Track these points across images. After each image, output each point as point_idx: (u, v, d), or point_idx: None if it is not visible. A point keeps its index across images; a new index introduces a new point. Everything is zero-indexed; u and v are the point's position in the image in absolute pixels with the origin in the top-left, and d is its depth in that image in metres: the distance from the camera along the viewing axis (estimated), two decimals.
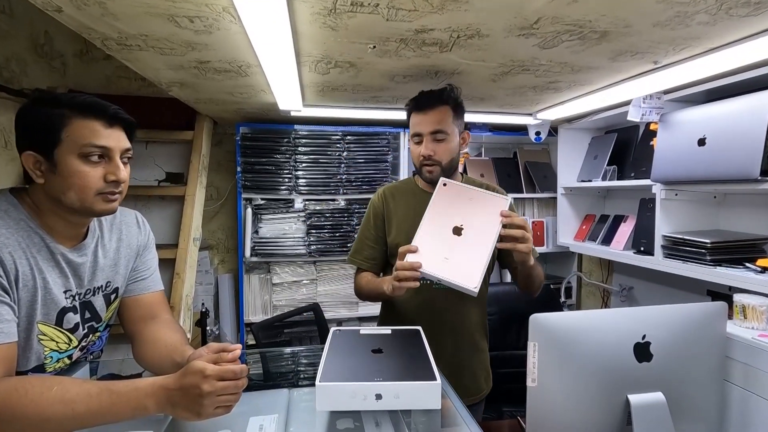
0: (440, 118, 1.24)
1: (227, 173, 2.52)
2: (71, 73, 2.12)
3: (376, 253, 1.37)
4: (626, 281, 2.26)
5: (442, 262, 1.04)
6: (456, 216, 1.09)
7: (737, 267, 1.39)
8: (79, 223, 0.91)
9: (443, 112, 1.24)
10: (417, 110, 1.27)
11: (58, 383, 0.71)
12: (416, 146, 1.29)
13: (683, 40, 1.11)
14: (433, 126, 1.24)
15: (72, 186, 0.82)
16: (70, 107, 0.82)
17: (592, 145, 2.31)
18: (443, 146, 1.25)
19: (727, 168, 1.35)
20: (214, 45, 1.16)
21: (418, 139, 1.27)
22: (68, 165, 0.81)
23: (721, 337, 0.96)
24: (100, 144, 0.83)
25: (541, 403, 0.86)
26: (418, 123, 1.26)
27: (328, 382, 0.79)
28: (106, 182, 0.85)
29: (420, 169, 1.30)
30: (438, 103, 1.24)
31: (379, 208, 1.37)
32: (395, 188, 1.41)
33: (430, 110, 1.24)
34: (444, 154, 1.26)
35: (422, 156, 1.26)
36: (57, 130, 0.81)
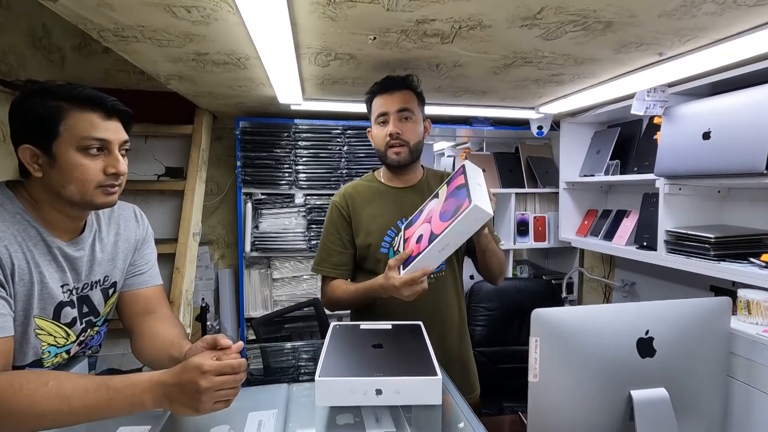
0: (405, 98, 1.23)
1: (227, 168, 2.50)
2: (69, 66, 2.10)
3: (345, 258, 1.28)
4: (628, 277, 2.25)
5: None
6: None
7: (741, 262, 1.38)
8: (77, 217, 0.90)
9: (408, 95, 1.24)
10: (382, 92, 1.24)
11: (54, 378, 0.70)
12: (381, 127, 1.24)
13: (689, 30, 1.09)
14: (399, 104, 1.21)
15: (72, 179, 0.81)
16: (67, 100, 0.81)
17: (595, 140, 2.29)
18: (410, 126, 1.22)
19: (732, 162, 1.33)
20: (212, 36, 1.14)
21: (384, 119, 1.23)
22: (67, 158, 0.81)
23: (725, 332, 0.95)
24: (98, 136, 0.82)
25: (542, 398, 0.85)
26: (384, 103, 1.23)
27: (327, 377, 0.78)
28: (105, 175, 0.84)
29: (385, 153, 1.24)
30: (403, 86, 1.24)
31: (343, 209, 1.29)
32: (358, 186, 1.33)
33: (396, 91, 1.23)
34: (412, 134, 1.23)
35: (389, 135, 1.21)
36: (55, 124, 0.80)
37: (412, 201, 1.26)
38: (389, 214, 1.26)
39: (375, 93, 1.26)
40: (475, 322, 2.09)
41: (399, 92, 1.23)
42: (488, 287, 2.13)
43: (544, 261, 2.90)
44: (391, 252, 1.25)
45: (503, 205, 2.54)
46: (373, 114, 1.26)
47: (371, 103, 1.28)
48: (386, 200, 1.28)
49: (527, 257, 2.98)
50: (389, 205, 1.27)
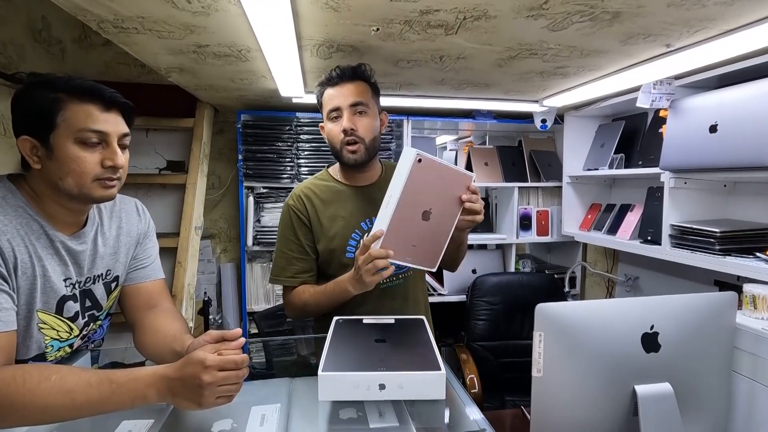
0: (359, 90, 1.13)
1: (229, 161, 2.49)
2: (70, 59, 2.08)
3: (307, 265, 1.18)
4: (631, 271, 2.24)
5: (410, 249, 0.98)
6: (426, 197, 0.98)
7: (747, 256, 1.37)
8: (79, 211, 0.90)
9: (361, 86, 1.14)
10: (333, 84, 1.13)
11: (57, 372, 0.70)
12: (334, 123, 1.13)
13: (698, 21, 1.07)
14: (353, 98, 1.11)
15: (69, 172, 0.81)
16: (65, 91, 0.80)
17: (599, 133, 2.27)
18: (365, 121, 1.12)
19: (739, 155, 1.31)
20: (212, 27, 1.13)
21: (336, 114, 1.13)
22: (65, 150, 0.80)
23: (730, 327, 0.94)
24: (96, 128, 0.81)
25: (546, 393, 0.85)
26: (335, 96, 1.12)
27: (330, 371, 0.78)
28: (103, 168, 0.83)
29: (340, 151, 1.14)
30: (355, 77, 1.14)
31: (301, 212, 1.18)
32: (313, 187, 1.22)
33: (347, 83, 1.12)
34: (367, 129, 1.13)
35: (343, 131, 1.11)
36: (52, 115, 0.79)
37: (374, 200, 1.15)
38: (351, 216, 1.18)
39: (325, 85, 1.16)
40: (477, 316, 2.09)
41: (352, 84, 1.13)
42: (491, 281, 2.12)
43: (547, 255, 2.89)
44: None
45: (506, 199, 2.53)
46: (325, 108, 1.16)
47: (321, 96, 1.17)
48: (346, 201, 1.19)
49: (530, 251, 2.98)
50: (350, 206, 1.19)
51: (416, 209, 0.98)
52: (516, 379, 2.02)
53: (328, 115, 1.15)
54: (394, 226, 0.96)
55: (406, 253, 0.98)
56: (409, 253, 0.98)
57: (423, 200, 0.98)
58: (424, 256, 1.00)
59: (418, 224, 0.98)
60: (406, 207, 0.97)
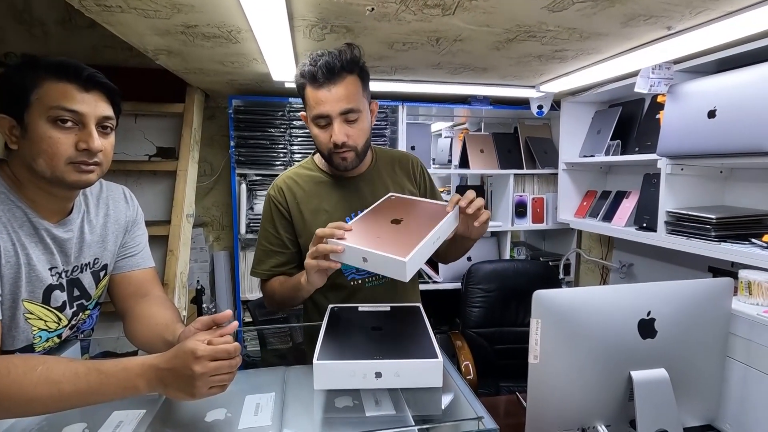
0: (349, 92, 0.98)
1: (220, 148, 2.45)
2: (54, 41, 2.02)
3: (286, 259, 1.13)
4: (626, 258, 2.25)
5: (374, 239, 0.88)
6: (398, 214, 0.96)
7: (743, 243, 1.37)
8: (63, 197, 0.86)
9: (351, 83, 0.99)
10: (319, 85, 0.98)
11: (43, 363, 0.68)
12: (322, 131, 1.02)
13: (701, 2, 1.05)
14: (342, 104, 0.98)
15: (41, 152, 0.77)
16: (44, 69, 0.77)
17: (596, 119, 2.25)
18: (357, 127, 1.02)
19: (737, 141, 1.30)
20: (201, 6, 1.08)
21: (325, 122, 1.01)
22: (37, 129, 0.76)
23: (725, 313, 0.95)
24: (71, 107, 0.77)
25: (542, 379, 0.85)
26: (322, 102, 0.98)
27: (325, 360, 0.76)
28: (77, 150, 0.79)
29: (330, 158, 1.05)
30: (343, 72, 0.98)
31: (281, 204, 1.12)
32: (296, 177, 1.15)
33: (335, 84, 0.97)
34: (359, 136, 1.03)
35: (334, 143, 1.01)
36: (27, 92, 0.76)
37: (361, 193, 1.12)
38: (335, 210, 1.11)
39: (308, 82, 1.00)
40: (473, 303, 2.09)
41: (341, 83, 0.98)
42: (486, 269, 2.12)
43: (542, 242, 2.90)
44: None
45: (502, 186, 2.52)
46: (310, 110, 1.02)
47: (303, 90, 1.02)
48: (331, 193, 1.12)
49: (524, 239, 2.98)
50: (335, 198, 1.12)
51: (385, 218, 0.96)
52: (511, 365, 2.04)
53: (314, 119, 1.02)
54: (357, 225, 0.93)
55: (369, 243, 0.86)
56: (371, 244, 0.85)
57: (394, 215, 0.97)
58: (390, 246, 0.84)
59: (385, 225, 0.94)
60: (374, 215, 0.97)
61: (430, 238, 0.87)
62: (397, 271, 0.81)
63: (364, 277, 1.15)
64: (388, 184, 1.17)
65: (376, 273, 0.85)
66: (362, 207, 1.07)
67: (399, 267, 0.80)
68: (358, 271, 1.15)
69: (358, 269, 1.14)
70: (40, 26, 1.95)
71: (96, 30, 2.05)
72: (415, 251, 0.81)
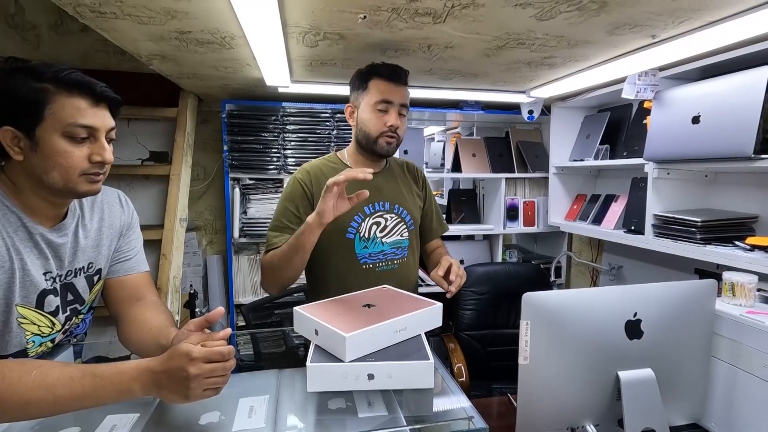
0: (407, 94, 1.26)
1: (214, 152, 2.45)
2: (45, 46, 2.01)
3: None
4: (615, 260, 2.29)
5: (333, 315, 0.90)
6: (375, 301, 1.00)
7: (727, 245, 1.40)
8: (59, 203, 0.87)
9: (407, 92, 1.27)
10: (390, 79, 1.21)
11: (38, 367, 0.68)
12: (380, 114, 1.21)
13: (684, 11, 1.08)
14: (403, 98, 1.23)
15: (55, 166, 0.79)
16: (53, 82, 0.78)
17: (585, 124, 2.29)
18: (404, 122, 1.26)
19: (720, 146, 1.34)
20: (195, 13, 1.09)
21: (386, 107, 1.21)
22: (51, 144, 0.78)
23: (710, 314, 0.97)
24: (86, 123, 0.80)
25: (532, 380, 0.87)
26: (390, 91, 1.21)
27: (318, 362, 0.77)
28: (91, 163, 0.82)
29: (377, 139, 1.22)
30: (405, 81, 1.25)
31: (306, 187, 1.23)
32: (321, 166, 1.28)
33: (402, 85, 1.24)
34: (402, 131, 1.26)
35: (389, 126, 1.21)
36: (40, 107, 0.77)
37: (379, 187, 1.27)
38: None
39: (380, 75, 1.22)
40: (465, 305, 2.10)
41: (404, 87, 1.25)
42: (478, 271, 2.14)
43: (533, 245, 2.93)
44: (357, 238, 1.25)
45: (493, 190, 2.55)
46: (371, 96, 1.22)
47: (368, 81, 1.22)
48: (352, 185, 1.19)
49: (516, 242, 3.01)
50: (357, 189, 1.17)
51: (361, 302, 0.99)
52: (503, 367, 2.05)
53: (376, 104, 1.21)
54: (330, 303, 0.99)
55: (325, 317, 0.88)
56: (327, 318, 0.87)
57: (372, 301, 1.00)
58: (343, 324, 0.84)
59: (355, 308, 0.96)
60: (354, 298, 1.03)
61: (387, 325, 0.86)
62: (338, 348, 0.79)
63: (375, 261, 1.27)
64: (400, 183, 1.35)
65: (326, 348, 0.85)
66: (380, 198, 1.27)
67: (340, 342, 0.78)
68: (370, 255, 1.27)
69: (371, 253, 1.26)
70: (32, 30, 1.94)
71: (88, 34, 2.05)
72: (361, 331, 0.80)
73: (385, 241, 1.28)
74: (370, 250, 1.27)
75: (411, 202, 1.34)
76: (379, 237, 1.27)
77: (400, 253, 1.30)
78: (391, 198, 1.30)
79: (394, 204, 1.30)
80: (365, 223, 1.25)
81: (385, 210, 1.29)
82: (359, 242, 1.25)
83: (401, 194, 1.33)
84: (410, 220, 1.32)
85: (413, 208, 1.34)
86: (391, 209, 1.29)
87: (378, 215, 1.28)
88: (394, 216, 1.30)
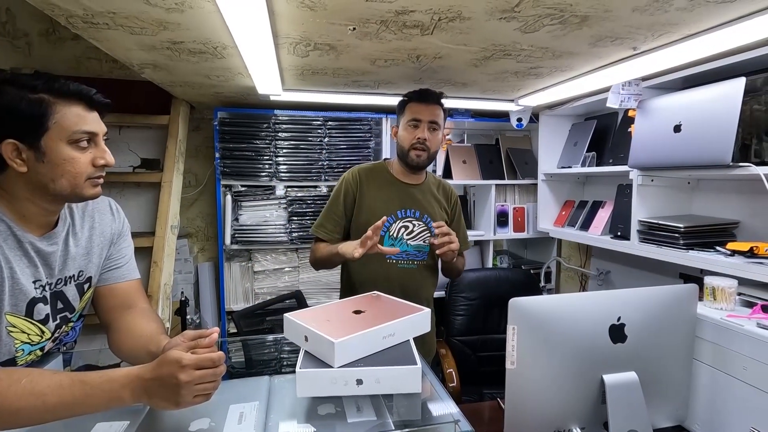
0: (437, 112, 1.41)
1: (206, 159, 2.46)
2: (37, 53, 2.01)
3: (339, 228, 1.46)
4: (603, 265, 2.32)
5: (323, 322, 0.91)
6: (365, 307, 1.02)
7: (708, 250, 1.44)
8: (54, 211, 0.89)
9: (439, 110, 1.42)
10: (419, 101, 1.40)
11: (27, 375, 0.69)
12: (412, 130, 1.40)
13: (662, 25, 1.12)
14: (432, 116, 1.39)
15: (64, 173, 0.82)
16: (50, 93, 0.79)
17: (572, 132, 2.33)
18: (435, 136, 1.41)
19: (701, 154, 1.38)
20: (187, 24, 1.11)
21: (416, 123, 1.39)
22: (59, 152, 0.81)
23: (692, 318, 1.00)
24: (88, 130, 0.83)
25: (519, 384, 0.88)
26: (419, 111, 1.39)
27: (308, 368, 0.78)
28: (95, 167, 0.85)
29: (408, 152, 1.40)
30: (437, 101, 1.42)
31: (353, 186, 1.45)
32: (370, 170, 1.49)
33: (431, 104, 1.40)
34: (434, 143, 1.41)
35: (418, 138, 1.38)
36: (44, 119, 0.79)
37: (413, 197, 1.46)
38: (393, 203, 1.44)
39: (412, 99, 1.42)
40: (456, 311, 2.12)
41: (434, 105, 1.40)
42: (469, 277, 2.16)
43: (523, 251, 2.96)
44: (387, 236, 1.43)
45: (484, 196, 2.58)
46: (406, 117, 1.42)
47: (404, 106, 1.43)
48: (394, 191, 1.46)
49: (507, 247, 3.04)
50: (394, 195, 1.45)
51: (351, 308, 1.02)
52: (494, 372, 2.07)
53: (407, 122, 1.41)
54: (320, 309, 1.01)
55: (315, 324, 0.89)
56: (316, 325, 0.88)
57: (362, 307, 1.02)
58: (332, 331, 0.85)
59: (345, 315, 0.98)
60: (344, 304, 1.05)
61: (376, 331, 0.87)
62: (327, 354, 0.80)
63: (398, 259, 1.44)
64: (431, 197, 1.50)
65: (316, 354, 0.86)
66: (412, 206, 1.45)
67: (329, 348, 0.79)
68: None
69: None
70: (23, 38, 1.94)
71: (80, 42, 2.05)
72: (349, 337, 0.81)
73: (409, 243, 1.45)
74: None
75: (439, 216, 1.50)
76: (406, 239, 1.45)
77: (421, 256, 1.47)
78: (422, 208, 1.47)
79: (423, 214, 1.46)
80: (395, 224, 1.44)
81: (415, 217, 1.46)
82: (387, 240, 1.43)
83: (431, 207, 1.49)
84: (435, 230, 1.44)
85: (439, 220, 1.46)
86: (420, 217, 1.46)
87: (407, 220, 1.45)
88: (421, 223, 1.46)
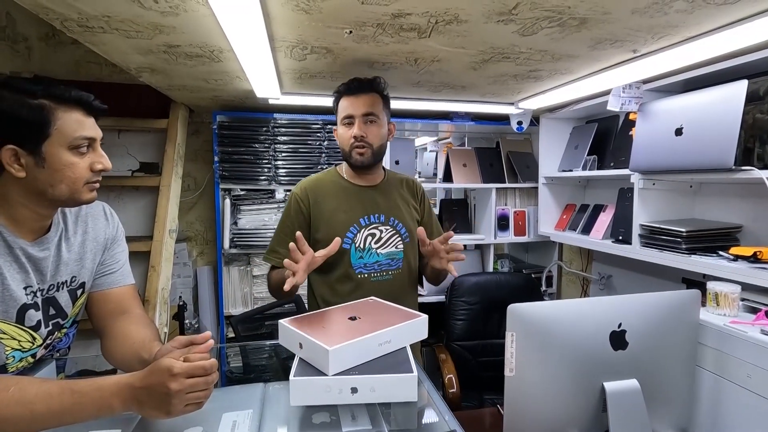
0: (372, 102, 1.27)
1: (204, 163, 2.45)
2: (36, 57, 2.01)
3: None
4: (605, 270, 2.30)
5: (318, 329, 0.90)
6: (360, 314, 1.00)
7: (711, 255, 1.42)
8: (47, 216, 0.88)
9: (374, 98, 1.28)
10: (348, 94, 1.28)
11: (16, 383, 0.68)
12: (346, 129, 1.28)
13: (661, 28, 1.11)
14: (365, 108, 1.25)
15: (64, 179, 0.82)
16: (50, 98, 0.79)
17: (573, 135, 2.32)
18: (375, 129, 1.27)
19: (702, 157, 1.36)
20: (182, 28, 1.11)
21: (349, 121, 1.27)
22: (60, 158, 0.81)
23: (694, 324, 0.98)
24: (87, 135, 0.84)
25: (518, 392, 0.87)
26: (350, 106, 1.27)
27: (302, 376, 0.77)
28: (93, 171, 0.86)
29: (350, 153, 1.28)
30: (369, 89, 1.28)
31: (303, 203, 1.30)
32: (319, 181, 1.35)
33: (362, 95, 1.26)
34: (375, 137, 1.27)
35: (353, 137, 1.25)
36: (45, 125, 0.79)
37: (375, 200, 1.33)
38: (353, 211, 1.30)
39: (341, 93, 1.29)
40: (456, 316, 2.10)
41: (365, 95, 1.26)
42: (470, 282, 2.15)
43: (524, 255, 2.94)
44: (353, 248, 1.28)
45: (484, 200, 2.56)
46: (339, 115, 1.30)
47: (337, 103, 1.31)
48: (350, 197, 1.32)
49: (507, 251, 3.02)
50: (353, 202, 1.31)
51: (346, 314, 1.00)
52: (494, 377, 2.05)
53: (341, 120, 1.29)
54: (315, 316, 0.99)
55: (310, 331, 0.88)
56: (311, 332, 0.87)
57: (357, 314, 1.00)
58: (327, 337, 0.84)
59: (340, 321, 0.96)
60: (340, 311, 1.03)
61: (371, 338, 0.86)
62: (321, 361, 0.79)
63: (370, 272, 1.30)
64: (396, 197, 1.37)
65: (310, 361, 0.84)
66: (375, 211, 1.31)
67: (323, 355, 0.78)
68: (365, 265, 1.30)
69: (366, 264, 1.29)
70: (23, 42, 1.95)
71: (80, 46, 2.04)
72: (344, 344, 0.80)
73: (380, 252, 1.31)
74: (365, 261, 1.30)
75: (407, 215, 1.36)
76: (374, 248, 1.31)
77: (395, 265, 1.33)
78: (387, 210, 1.33)
79: (389, 216, 1.33)
80: (360, 234, 1.29)
81: (380, 222, 1.32)
82: (355, 252, 1.29)
83: (397, 207, 1.35)
84: (405, 233, 1.34)
85: (409, 221, 1.36)
86: (386, 221, 1.33)
87: (373, 227, 1.31)
88: (389, 228, 1.33)
